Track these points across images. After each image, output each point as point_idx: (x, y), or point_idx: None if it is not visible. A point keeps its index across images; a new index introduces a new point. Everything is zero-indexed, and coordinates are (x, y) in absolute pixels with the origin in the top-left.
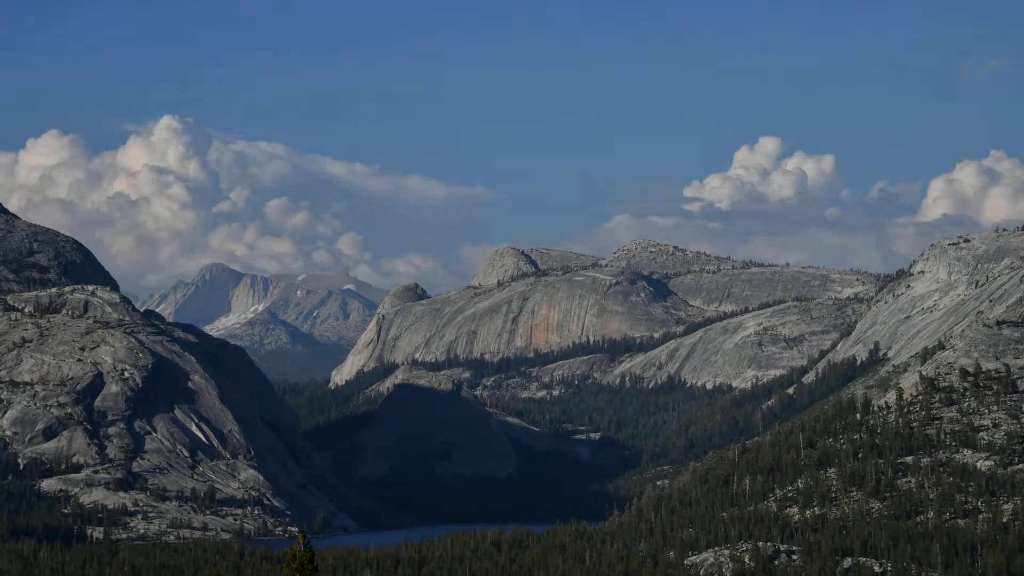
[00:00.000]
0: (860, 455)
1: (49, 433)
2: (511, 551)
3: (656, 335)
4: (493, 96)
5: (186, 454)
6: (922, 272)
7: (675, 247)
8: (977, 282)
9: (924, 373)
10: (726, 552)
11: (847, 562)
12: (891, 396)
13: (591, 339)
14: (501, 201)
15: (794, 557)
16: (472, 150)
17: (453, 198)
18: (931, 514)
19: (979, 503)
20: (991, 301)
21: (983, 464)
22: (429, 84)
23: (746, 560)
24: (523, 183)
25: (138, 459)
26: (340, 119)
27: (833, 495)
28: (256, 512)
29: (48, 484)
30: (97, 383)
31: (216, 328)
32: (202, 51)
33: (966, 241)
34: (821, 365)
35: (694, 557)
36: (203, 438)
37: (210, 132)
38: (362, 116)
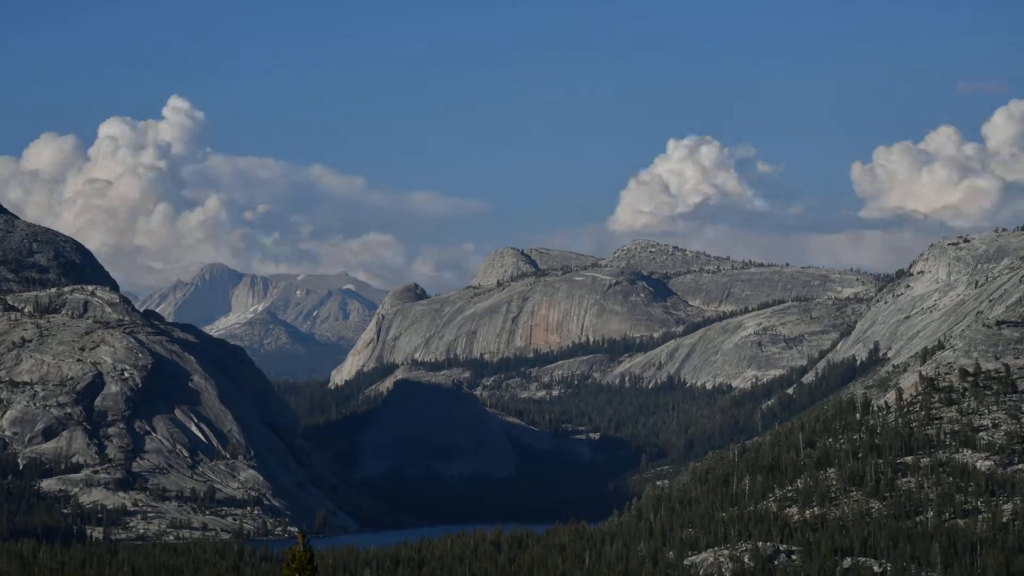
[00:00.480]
0: (860, 455)
1: (49, 433)
2: (511, 551)
3: (656, 335)
4: (486, 102)
5: (186, 454)
6: (922, 272)
7: (674, 247)
8: (977, 282)
9: (924, 373)
10: (726, 552)
11: (847, 562)
12: (891, 396)
13: (591, 339)
14: (497, 211)
15: (794, 557)
16: (465, 160)
17: (453, 209)
18: (931, 514)
19: (979, 503)
20: (991, 301)
21: (983, 464)
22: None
23: (746, 560)
24: (517, 189)
25: (138, 459)
26: (332, 132)
27: (833, 495)
28: (256, 512)
29: (48, 484)
30: (97, 383)
31: (216, 328)
32: (202, 53)
33: (966, 241)
34: (821, 365)
35: (694, 557)
36: (203, 438)
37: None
38: (353, 129)
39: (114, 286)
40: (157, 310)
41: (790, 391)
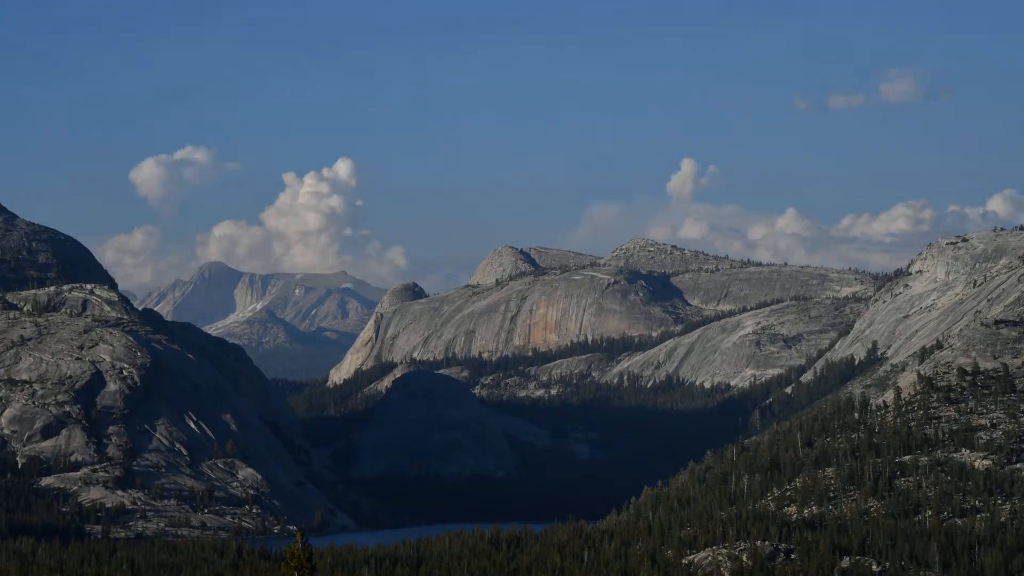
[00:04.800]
0: (858, 454)
1: (48, 431)
2: (509, 550)
3: (654, 334)
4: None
5: (184, 453)
6: (920, 271)
7: (673, 246)
8: (975, 281)
9: (922, 372)
10: (724, 551)
11: (845, 561)
12: (889, 395)
13: (589, 338)
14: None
15: (792, 556)
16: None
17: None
18: (929, 513)
19: (977, 502)
20: (989, 300)
21: (981, 463)
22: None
23: (744, 559)
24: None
25: (137, 458)
26: None
27: (831, 494)
28: (254, 511)
29: (47, 482)
30: (96, 382)
31: (215, 327)
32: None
33: (964, 241)
34: (819, 364)
35: (692, 556)
36: (201, 437)
37: None
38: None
39: (113, 285)
40: (155, 309)
41: (788, 390)
